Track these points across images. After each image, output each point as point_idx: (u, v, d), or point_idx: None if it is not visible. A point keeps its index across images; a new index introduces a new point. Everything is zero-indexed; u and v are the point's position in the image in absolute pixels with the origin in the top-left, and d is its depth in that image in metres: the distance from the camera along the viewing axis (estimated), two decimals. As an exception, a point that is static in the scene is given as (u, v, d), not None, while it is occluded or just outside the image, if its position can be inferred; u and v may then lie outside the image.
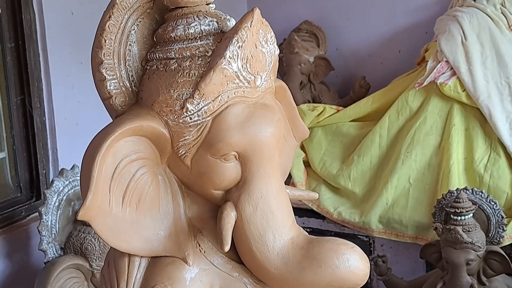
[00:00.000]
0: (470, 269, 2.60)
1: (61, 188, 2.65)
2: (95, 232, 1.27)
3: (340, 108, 3.48)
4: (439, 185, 3.01)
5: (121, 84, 1.34)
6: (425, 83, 3.12)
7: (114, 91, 1.33)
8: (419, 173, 3.09)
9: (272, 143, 1.32)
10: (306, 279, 1.24)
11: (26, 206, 2.90)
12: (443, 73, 3.10)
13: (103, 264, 2.49)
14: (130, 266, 1.32)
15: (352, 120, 3.42)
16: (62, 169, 2.69)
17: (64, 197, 2.66)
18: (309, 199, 2.72)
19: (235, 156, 1.31)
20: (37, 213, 2.64)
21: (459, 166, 3.02)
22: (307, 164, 3.41)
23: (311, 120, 3.38)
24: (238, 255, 1.33)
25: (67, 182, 2.66)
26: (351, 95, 3.68)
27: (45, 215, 2.59)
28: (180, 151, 1.31)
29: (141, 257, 1.33)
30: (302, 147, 3.43)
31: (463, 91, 3.05)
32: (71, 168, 2.69)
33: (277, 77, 1.46)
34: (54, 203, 2.62)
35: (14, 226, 2.84)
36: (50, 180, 2.76)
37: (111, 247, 1.34)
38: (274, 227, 1.28)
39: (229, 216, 1.28)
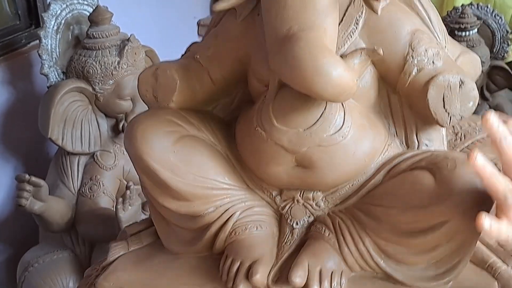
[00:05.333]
0: (473, 85, 2.59)
1: (59, 11, 2.60)
2: None
3: None
4: (444, 4, 2.96)
5: None
6: None
7: None
8: (424, -8, 3.02)
9: None
10: (297, 79, 1.14)
11: (26, 34, 2.85)
12: None
13: (105, 87, 2.55)
14: None
15: None
16: (59, -8, 2.64)
17: (63, 21, 2.62)
18: None
19: None
20: (37, 41, 2.61)
21: (465, -16, 2.95)
22: None
23: None
24: None
25: (64, 5, 2.61)
26: None
27: (45, 39, 2.57)
28: None
29: None
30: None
31: None
32: (68, -8, 2.64)
33: None
34: (53, 27, 2.59)
35: (15, 53, 2.82)
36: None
37: None
38: (283, 16, 1.19)
39: None
